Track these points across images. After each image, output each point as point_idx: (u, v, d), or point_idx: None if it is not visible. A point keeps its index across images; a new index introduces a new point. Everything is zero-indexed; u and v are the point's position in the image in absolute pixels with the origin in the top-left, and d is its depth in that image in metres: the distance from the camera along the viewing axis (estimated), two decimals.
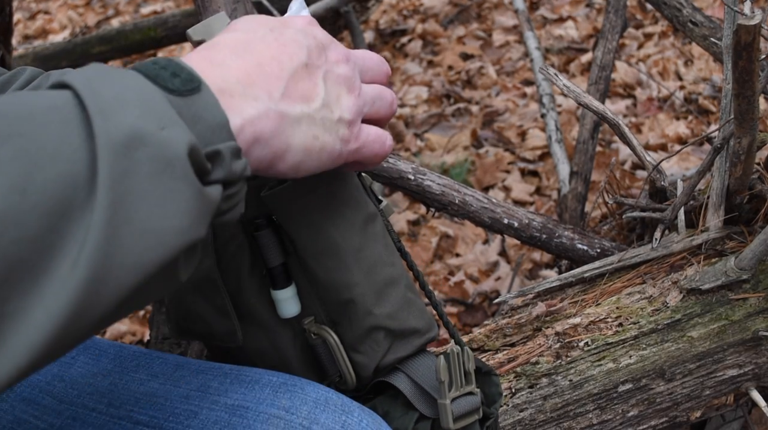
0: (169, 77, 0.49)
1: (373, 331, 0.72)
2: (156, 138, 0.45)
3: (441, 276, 2.35)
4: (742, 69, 0.89)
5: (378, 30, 3.96)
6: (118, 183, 0.42)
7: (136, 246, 0.43)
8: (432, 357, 0.75)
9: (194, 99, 0.49)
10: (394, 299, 0.72)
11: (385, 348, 0.72)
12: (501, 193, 2.67)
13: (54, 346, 0.40)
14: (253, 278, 0.72)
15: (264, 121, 0.54)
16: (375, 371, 0.73)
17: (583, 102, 1.24)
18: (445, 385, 0.71)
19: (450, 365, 0.71)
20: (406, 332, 0.73)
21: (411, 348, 0.74)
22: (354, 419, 0.67)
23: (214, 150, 0.49)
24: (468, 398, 0.72)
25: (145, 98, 0.47)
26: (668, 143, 2.71)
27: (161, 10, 4.53)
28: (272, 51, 0.58)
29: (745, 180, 1.12)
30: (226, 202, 0.51)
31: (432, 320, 0.76)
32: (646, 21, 3.53)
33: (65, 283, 0.40)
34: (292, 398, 0.67)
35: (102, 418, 0.71)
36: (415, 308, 0.74)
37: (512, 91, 3.28)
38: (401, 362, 0.74)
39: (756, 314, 1.07)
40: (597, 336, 1.06)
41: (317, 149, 0.58)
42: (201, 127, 0.49)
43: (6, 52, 2.11)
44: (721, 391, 1.07)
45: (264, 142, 0.54)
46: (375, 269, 0.71)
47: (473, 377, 0.73)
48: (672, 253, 1.17)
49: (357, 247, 0.70)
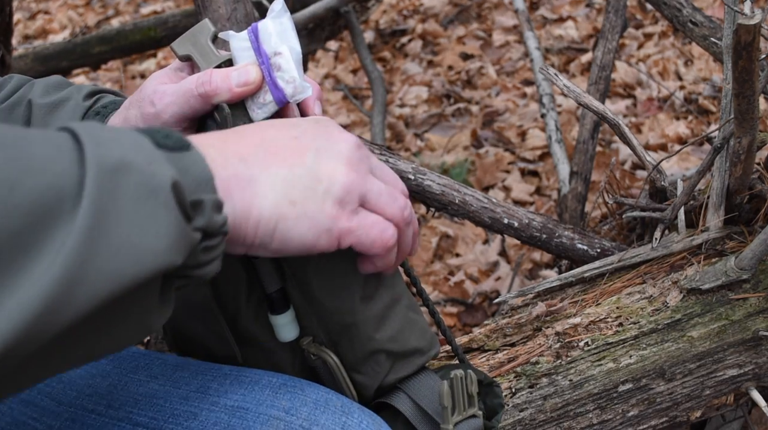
0: (162, 137, 0.52)
1: (375, 354, 0.71)
2: (143, 168, 0.48)
3: (441, 276, 2.35)
4: (742, 69, 0.89)
5: (378, 30, 3.96)
6: (102, 200, 0.45)
7: (113, 257, 0.45)
8: (433, 377, 0.74)
9: (183, 155, 0.52)
10: (395, 321, 0.71)
11: (387, 369, 0.72)
12: (501, 193, 2.67)
13: (23, 340, 0.41)
14: (250, 304, 0.72)
15: (232, 181, 0.55)
16: (377, 390, 0.73)
17: (583, 102, 1.23)
18: (448, 411, 0.70)
19: (453, 391, 0.71)
20: (407, 353, 0.72)
21: (413, 367, 0.73)
22: (354, 421, 0.67)
23: (198, 199, 0.51)
24: (470, 421, 0.72)
25: (137, 142, 0.50)
26: (668, 143, 2.71)
27: (161, 10, 4.53)
28: (264, 129, 0.61)
29: (745, 180, 1.12)
30: (205, 254, 0.53)
31: (434, 337, 0.76)
32: (646, 21, 3.53)
33: (40, 279, 0.42)
34: (292, 399, 0.67)
35: (101, 420, 0.71)
36: (416, 328, 0.73)
37: (512, 91, 3.28)
38: (402, 381, 0.74)
39: (756, 313, 1.07)
40: (597, 336, 1.06)
41: (294, 216, 0.58)
42: (187, 178, 0.51)
43: (6, 52, 2.11)
44: (721, 391, 1.07)
45: (229, 202, 0.55)
46: (376, 294, 0.70)
47: (476, 400, 0.73)
48: (672, 253, 1.16)
49: (361, 275, 0.69)
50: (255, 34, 0.69)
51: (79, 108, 0.76)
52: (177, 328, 0.77)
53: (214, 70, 0.69)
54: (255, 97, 0.69)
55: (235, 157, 0.57)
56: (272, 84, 0.68)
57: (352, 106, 3.37)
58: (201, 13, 1.24)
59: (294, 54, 0.68)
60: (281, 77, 0.68)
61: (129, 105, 0.73)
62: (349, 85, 3.55)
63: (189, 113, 0.69)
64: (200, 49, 0.71)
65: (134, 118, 0.71)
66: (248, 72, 0.68)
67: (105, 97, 0.78)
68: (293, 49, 0.69)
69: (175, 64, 0.74)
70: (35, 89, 0.78)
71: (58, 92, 0.78)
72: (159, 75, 0.73)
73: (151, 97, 0.70)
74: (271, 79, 0.68)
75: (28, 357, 0.43)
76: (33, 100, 0.77)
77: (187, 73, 0.74)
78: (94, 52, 3.04)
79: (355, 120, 3.32)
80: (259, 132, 0.61)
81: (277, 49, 0.68)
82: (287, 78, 0.68)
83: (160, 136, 0.52)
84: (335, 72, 3.69)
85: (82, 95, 0.77)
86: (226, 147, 0.57)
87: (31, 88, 0.79)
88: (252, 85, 0.68)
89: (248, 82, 0.68)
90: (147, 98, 0.70)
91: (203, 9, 1.24)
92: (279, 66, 0.68)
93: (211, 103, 0.68)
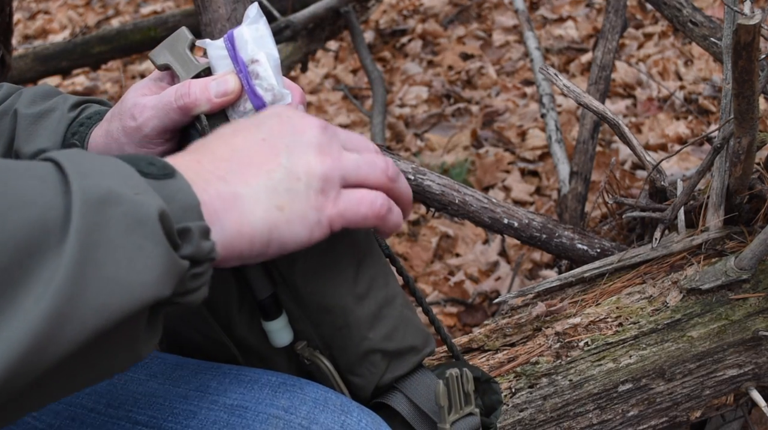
0: (146, 165, 0.52)
1: (370, 354, 0.71)
2: (130, 199, 0.47)
3: (441, 276, 2.35)
4: (742, 69, 0.89)
5: (378, 30, 3.96)
6: (89, 233, 0.44)
7: (102, 290, 0.44)
8: (429, 375, 0.74)
9: (168, 182, 0.52)
10: (389, 319, 0.71)
11: (383, 369, 0.71)
12: (501, 193, 2.67)
13: (12, 377, 0.41)
14: (243, 312, 0.71)
15: (216, 202, 0.55)
16: (373, 391, 0.73)
17: (583, 102, 1.24)
18: (444, 410, 0.70)
19: (450, 390, 0.71)
20: (403, 351, 0.72)
21: (409, 366, 0.73)
22: (353, 419, 0.67)
23: (185, 227, 0.51)
24: (467, 419, 0.72)
25: (122, 172, 0.50)
26: (668, 143, 2.71)
27: (161, 10, 4.53)
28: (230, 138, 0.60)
29: (745, 180, 1.12)
30: (193, 281, 0.52)
31: (429, 334, 0.75)
32: (646, 21, 3.53)
33: (27, 315, 0.41)
34: (291, 398, 0.67)
35: (101, 418, 0.71)
36: (411, 325, 0.73)
37: (512, 91, 3.28)
38: (399, 380, 0.73)
39: (756, 313, 1.07)
40: (597, 336, 1.06)
41: (285, 221, 0.58)
42: (173, 206, 0.51)
43: (6, 52, 2.11)
44: (721, 391, 1.07)
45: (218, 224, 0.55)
46: (370, 292, 0.70)
47: (472, 398, 0.73)
48: (672, 253, 1.16)
49: (352, 275, 0.69)
50: (231, 42, 0.68)
51: (64, 119, 0.75)
52: (174, 337, 0.77)
53: (192, 81, 0.68)
54: (235, 105, 0.69)
55: (213, 177, 0.56)
56: (251, 92, 0.68)
57: (352, 106, 3.37)
58: (201, 13, 1.25)
59: (272, 60, 0.68)
60: (260, 85, 0.68)
61: (111, 117, 0.73)
62: (349, 85, 3.55)
63: (170, 125, 0.69)
64: (178, 57, 0.71)
65: (116, 131, 0.71)
66: (227, 82, 0.68)
67: (90, 107, 0.78)
68: (270, 55, 0.68)
69: (155, 74, 0.74)
70: (22, 99, 0.78)
71: (45, 102, 0.77)
72: (139, 86, 0.73)
73: (131, 110, 0.70)
74: (250, 87, 0.68)
75: (17, 392, 0.42)
76: (18, 110, 0.76)
77: (167, 82, 0.73)
78: (94, 52, 3.04)
79: (355, 120, 3.32)
80: (227, 142, 0.60)
81: (254, 57, 0.67)
82: (266, 86, 0.68)
83: (144, 164, 0.52)
84: (335, 72, 3.70)
85: (67, 106, 0.77)
86: (202, 167, 0.57)
87: (18, 97, 0.78)
88: (231, 95, 0.68)
89: (227, 92, 0.68)
90: (128, 112, 0.70)
91: (203, 9, 1.24)
92: (257, 74, 0.68)
93: (191, 115, 0.68)
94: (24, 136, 0.75)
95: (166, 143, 0.71)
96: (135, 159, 0.52)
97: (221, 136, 0.61)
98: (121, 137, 0.70)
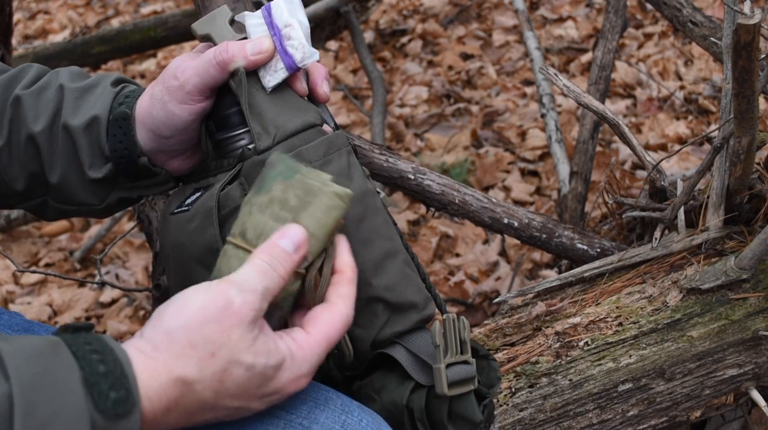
0: (107, 390, 0.53)
1: (372, 302, 0.72)
2: None
3: (441, 276, 2.35)
4: (742, 68, 0.89)
5: (378, 30, 3.97)
6: None
7: None
8: (429, 332, 0.74)
9: (120, 425, 0.53)
10: (392, 271, 0.74)
11: (384, 320, 0.73)
12: (501, 193, 2.68)
13: None
14: None
15: (172, 389, 0.57)
16: (373, 344, 0.74)
17: (583, 102, 1.24)
18: (440, 350, 0.70)
19: (446, 331, 0.71)
20: (404, 306, 0.74)
21: (409, 322, 0.74)
22: (354, 419, 0.67)
23: None
24: (463, 366, 0.72)
25: (72, 423, 0.51)
26: (668, 143, 2.71)
27: (161, 10, 4.53)
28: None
29: (745, 180, 1.12)
30: None
31: (429, 298, 0.77)
32: (646, 21, 3.53)
33: None
34: (292, 398, 0.67)
35: None
36: (412, 283, 0.75)
37: (512, 91, 3.28)
38: (399, 336, 0.74)
39: (756, 313, 1.07)
40: (597, 336, 1.06)
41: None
42: None
43: (6, 52, 2.11)
44: (721, 391, 1.07)
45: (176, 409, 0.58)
46: (374, 240, 0.73)
47: (468, 347, 0.73)
48: (672, 252, 1.17)
49: (357, 217, 0.72)
50: (268, 11, 0.77)
51: (107, 92, 0.81)
52: (184, 279, 0.77)
53: (230, 42, 0.75)
54: (267, 66, 0.76)
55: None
56: (283, 52, 0.75)
57: (352, 106, 3.37)
58: (201, 12, 1.24)
59: (303, 27, 0.76)
60: (291, 45, 0.75)
61: (154, 84, 0.79)
62: (349, 85, 3.55)
63: (209, 82, 0.75)
64: (218, 29, 0.79)
65: (159, 92, 0.77)
66: (262, 42, 0.75)
67: (128, 86, 0.83)
68: (302, 22, 0.76)
69: (196, 48, 0.81)
70: (62, 75, 0.83)
71: (84, 79, 0.83)
72: (182, 56, 0.79)
73: (174, 71, 0.76)
74: (282, 47, 0.76)
75: None
76: (65, 84, 0.81)
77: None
78: (94, 52, 3.05)
79: (355, 120, 3.32)
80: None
81: (287, 22, 0.76)
82: (296, 45, 0.75)
83: (106, 388, 0.53)
84: (335, 72, 3.70)
85: (109, 82, 0.82)
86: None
87: (56, 75, 0.83)
88: (265, 53, 0.75)
89: (261, 51, 0.75)
90: (171, 73, 0.76)
91: (203, 9, 1.24)
92: (289, 36, 0.76)
93: (228, 70, 0.74)
94: (72, 107, 0.80)
95: (205, 101, 0.76)
96: (97, 378, 0.54)
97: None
98: (165, 96, 0.76)
